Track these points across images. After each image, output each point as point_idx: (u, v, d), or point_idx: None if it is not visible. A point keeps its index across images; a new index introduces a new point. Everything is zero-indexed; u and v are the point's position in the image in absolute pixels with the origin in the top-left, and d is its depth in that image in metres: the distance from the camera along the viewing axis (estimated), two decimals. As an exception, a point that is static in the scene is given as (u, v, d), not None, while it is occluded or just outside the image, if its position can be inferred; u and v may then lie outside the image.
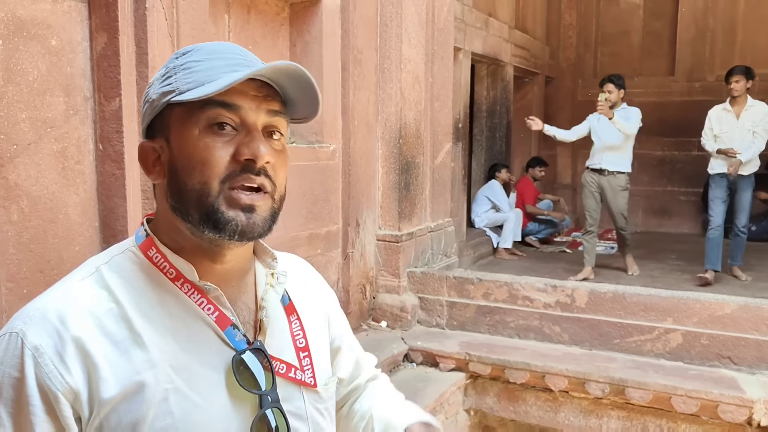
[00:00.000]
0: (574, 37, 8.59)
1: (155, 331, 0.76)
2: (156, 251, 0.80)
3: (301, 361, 0.87)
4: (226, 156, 0.76)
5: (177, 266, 0.80)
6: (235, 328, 0.80)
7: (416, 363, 3.83)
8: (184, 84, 0.77)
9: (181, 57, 0.80)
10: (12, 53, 1.97)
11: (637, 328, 3.53)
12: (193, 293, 0.79)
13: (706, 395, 3.12)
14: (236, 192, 0.76)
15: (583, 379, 3.38)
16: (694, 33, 7.94)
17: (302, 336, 0.89)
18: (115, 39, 2.20)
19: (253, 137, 0.77)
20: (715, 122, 5.50)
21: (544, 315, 3.77)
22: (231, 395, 0.78)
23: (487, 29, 6.29)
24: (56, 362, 0.70)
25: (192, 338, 0.78)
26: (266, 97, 0.79)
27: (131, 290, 0.77)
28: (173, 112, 0.78)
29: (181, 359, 0.76)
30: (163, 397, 0.73)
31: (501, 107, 6.94)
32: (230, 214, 0.75)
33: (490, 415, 3.84)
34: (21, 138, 2.02)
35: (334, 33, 3.48)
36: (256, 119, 0.78)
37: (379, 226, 4.20)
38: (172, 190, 0.79)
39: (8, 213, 1.99)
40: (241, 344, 0.80)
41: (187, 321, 0.78)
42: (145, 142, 0.82)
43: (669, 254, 6.54)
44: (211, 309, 0.79)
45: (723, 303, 3.36)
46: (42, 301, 0.76)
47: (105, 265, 0.80)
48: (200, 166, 0.76)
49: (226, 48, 0.81)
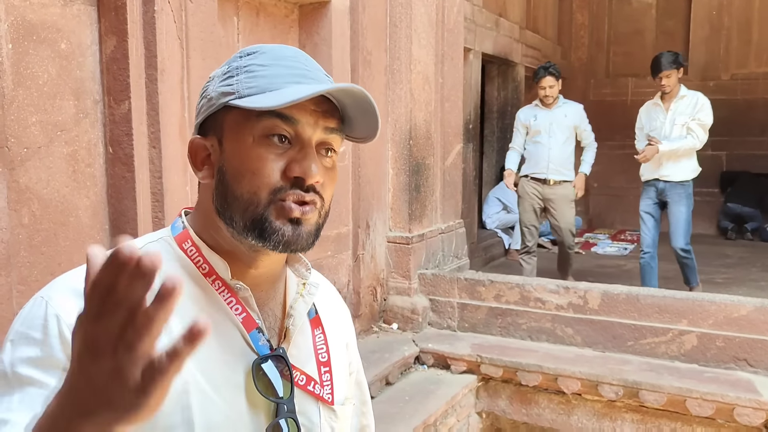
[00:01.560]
0: (585, 37, 8.54)
1: (182, 322, 0.72)
2: (191, 244, 0.80)
3: (321, 376, 0.85)
4: (278, 169, 0.75)
5: (211, 262, 0.79)
6: (260, 332, 0.79)
7: (427, 365, 3.81)
8: (246, 88, 0.75)
9: (245, 57, 0.78)
10: (22, 57, 1.98)
11: (651, 330, 3.49)
12: (224, 291, 0.78)
13: (721, 398, 3.08)
14: (287, 203, 0.75)
15: (597, 381, 3.34)
16: (708, 31, 7.86)
17: (325, 351, 0.87)
18: (124, 42, 2.20)
19: (306, 154, 0.75)
20: (645, 119, 4.86)
21: (557, 317, 3.73)
22: (248, 399, 0.77)
23: (497, 29, 6.26)
24: None
25: (218, 336, 0.76)
26: (325, 113, 0.77)
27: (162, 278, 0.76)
28: (229, 114, 0.76)
29: (204, 355, 0.73)
30: (183, 389, 0.72)
31: (512, 108, 6.91)
32: (278, 224, 0.75)
33: (502, 417, 3.81)
34: (32, 141, 2.03)
35: (343, 34, 3.48)
36: (312, 135, 0.76)
37: (390, 228, 4.18)
38: (218, 192, 0.78)
39: (20, 216, 2.00)
40: (263, 349, 0.79)
41: (215, 317, 0.77)
42: (197, 139, 0.80)
43: (683, 255, 6.45)
44: (239, 309, 0.78)
45: (739, 304, 3.31)
46: (71, 275, 0.75)
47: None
48: (250, 176, 0.75)
49: (293, 55, 0.79)
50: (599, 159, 9.13)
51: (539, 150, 4.83)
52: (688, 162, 4.56)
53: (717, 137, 7.91)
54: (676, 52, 4.54)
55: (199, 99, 0.81)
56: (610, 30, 8.50)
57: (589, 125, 4.95)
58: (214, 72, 0.81)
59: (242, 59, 0.78)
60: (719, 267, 5.86)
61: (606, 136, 8.48)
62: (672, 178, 4.51)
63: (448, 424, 3.44)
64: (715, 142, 7.97)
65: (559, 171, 4.76)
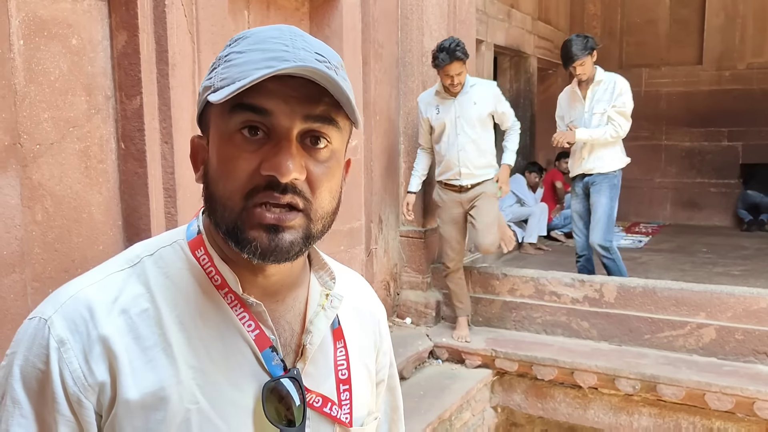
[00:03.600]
0: (598, 27, 8.43)
1: (188, 341, 0.70)
2: (204, 252, 0.73)
3: (339, 395, 0.78)
4: (249, 168, 0.66)
5: (222, 273, 0.72)
6: (274, 350, 0.73)
7: (442, 360, 3.79)
8: (219, 80, 0.67)
9: (228, 46, 0.71)
10: (33, 53, 1.97)
11: (669, 323, 3.45)
12: (236, 305, 0.72)
13: (741, 392, 3.03)
14: (259, 209, 0.66)
15: (613, 375, 3.31)
16: (723, 20, 7.73)
17: (345, 366, 0.80)
18: (135, 37, 2.19)
19: (280, 149, 0.65)
20: (564, 108, 4.30)
21: (572, 310, 3.70)
22: (256, 426, 0.71)
23: (509, 21, 6.20)
24: (81, 361, 0.67)
25: (227, 355, 0.71)
26: (305, 98, 0.66)
27: (172, 291, 0.72)
28: (211, 110, 0.70)
29: (210, 377, 0.70)
30: (184, 417, 0.68)
31: (524, 100, 6.85)
32: (252, 234, 0.67)
33: (518, 412, 3.78)
34: (44, 138, 2.02)
35: (354, 27, 3.45)
36: (289, 125, 0.66)
37: (402, 222, 4.16)
38: (204, 195, 0.72)
39: (33, 213, 2.00)
40: (277, 370, 0.72)
41: (225, 335, 0.71)
42: (195, 137, 0.75)
43: (700, 247, 6.39)
44: (252, 326, 0.72)
45: (759, 297, 3.26)
46: (76, 287, 0.71)
47: (150, 258, 0.74)
48: (225, 178, 0.68)
49: (276, 36, 0.68)
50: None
51: (448, 151, 3.75)
52: (611, 152, 4.08)
53: (733, 128, 7.83)
54: (586, 35, 4.05)
55: None
56: (622, 20, 8.39)
57: (507, 104, 3.85)
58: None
59: (226, 48, 0.71)
60: (736, 259, 5.78)
61: (619, 127, 8.42)
62: (597, 170, 4.08)
63: (463, 419, 3.42)
64: (731, 133, 7.88)
65: (473, 174, 3.73)
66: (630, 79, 9.25)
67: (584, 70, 4.01)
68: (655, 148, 8.27)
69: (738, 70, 7.76)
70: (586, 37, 4.01)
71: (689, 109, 7.98)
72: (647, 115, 8.25)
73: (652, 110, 8.18)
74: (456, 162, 3.73)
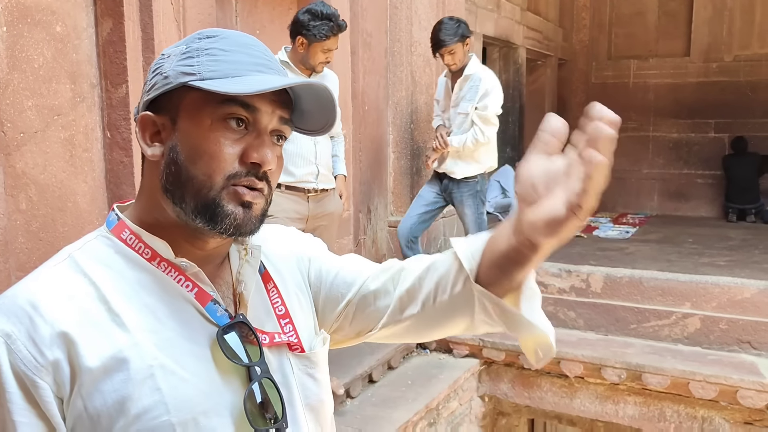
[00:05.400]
0: (587, 19, 8.45)
1: (135, 311, 0.75)
2: (129, 233, 0.79)
3: (283, 328, 0.86)
4: (234, 154, 0.76)
5: (152, 245, 0.78)
6: (216, 303, 0.80)
7: (429, 349, 3.80)
8: (208, 71, 0.75)
9: (204, 40, 0.78)
10: (17, 40, 1.94)
11: (655, 313, 3.48)
12: (171, 271, 0.78)
13: (725, 380, 3.07)
14: (241, 189, 0.76)
15: (599, 364, 3.34)
16: (711, 12, 7.77)
17: (281, 303, 0.89)
18: (120, 24, 2.17)
19: (263, 142, 0.77)
20: (440, 93, 3.81)
21: (559, 300, 3.72)
22: (219, 369, 0.77)
23: (498, 11, 6.20)
24: (29, 346, 0.69)
25: (174, 315, 0.77)
26: (282, 103, 0.79)
27: (108, 272, 0.77)
28: (188, 95, 0.76)
29: (164, 335, 0.75)
30: (148, 373, 0.72)
31: (513, 91, 6.85)
32: (230, 207, 0.76)
33: (505, 401, 3.81)
34: (28, 126, 2.00)
35: (342, 16, 3.43)
36: (268, 123, 0.78)
37: (391, 212, 4.16)
38: (169, 172, 0.77)
39: (17, 201, 1.98)
40: (223, 319, 0.79)
41: (166, 299, 0.77)
42: (147, 115, 0.80)
43: (686, 238, 6.44)
44: (190, 286, 0.79)
45: (743, 287, 3.29)
46: (14, 290, 0.74)
47: (78, 251, 0.78)
48: (207, 158, 0.75)
49: (252, 43, 0.80)
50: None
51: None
52: (470, 158, 3.59)
53: (720, 119, 7.89)
54: (458, 19, 3.48)
55: (150, 75, 0.80)
56: (611, 11, 8.40)
57: None
58: (168, 49, 0.80)
59: (201, 41, 0.78)
60: (722, 249, 5.84)
61: (608, 118, 8.44)
62: (454, 174, 3.60)
63: (450, 408, 3.44)
64: (717, 125, 7.94)
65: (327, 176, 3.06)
66: (619, 70, 9.23)
67: (454, 60, 3.47)
68: (643, 139, 8.32)
69: (725, 63, 7.81)
70: (458, 22, 3.44)
71: (677, 101, 8.03)
72: (635, 107, 8.30)
73: (640, 101, 8.22)
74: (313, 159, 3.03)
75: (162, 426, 0.71)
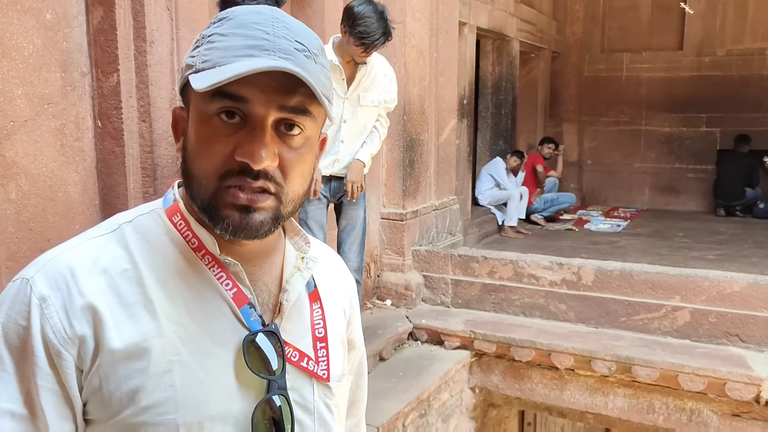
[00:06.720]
0: (581, 11, 8.44)
1: (169, 299, 0.73)
2: (180, 218, 0.77)
3: (317, 352, 0.82)
4: (225, 151, 0.70)
5: (200, 236, 0.76)
6: (252, 307, 0.77)
7: (421, 341, 3.81)
8: (201, 62, 0.70)
9: (212, 25, 0.73)
10: (6, 27, 1.92)
11: (645, 306, 3.50)
12: (213, 266, 0.76)
13: (713, 373, 3.10)
14: (233, 190, 0.70)
15: (590, 357, 3.36)
16: (704, 6, 7.78)
17: (322, 326, 0.84)
18: (111, 12, 2.14)
19: (254, 137, 0.69)
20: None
21: (550, 293, 3.74)
22: (238, 377, 0.74)
23: (492, 3, 6.18)
24: (61, 316, 0.69)
25: (206, 311, 0.74)
26: (283, 89, 0.69)
27: (151, 253, 0.75)
28: (192, 89, 0.70)
29: (191, 332, 0.73)
30: (166, 368, 0.71)
31: (507, 83, 6.85)
32: (224, 212, 0.71)
33: (495, 393, 3.83)
34: (18, 114, 1.98)
35: (336, 7, 3.41)
36: (264, 114, 0.69)
37: (384, 204, 4.16)
38: (183, 168, 0.76)
39: (6, 191, 1.96)
40: (255, 325, 0.76)
41: (203, 293, 0.75)
42: (177, 108, 0.78)
43: (676, 232, 6.49)
44: (230, 284, 0.76)
45: (732, 281, 3.32)
46: (58, 251, 0.74)
47: (128, 224, 0.77)
48: (200, 158, 0.72)
49: (260, 20, 0.70)
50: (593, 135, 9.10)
51: None
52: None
53: (711, 113, 7.92)
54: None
55: None
56: (605, 4, 8.40)
57: None
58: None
59: (210, 26, 0.73)
60: (712, 243, 5.89)
61: (600, 111, 8.46)
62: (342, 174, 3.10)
63: (441, 399, 3.46)
64: (709, 119, 7.97)
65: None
66: (612, 64, 9.22)
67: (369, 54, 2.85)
68: (635, 133, 8.35)
69: (718, 57, 7.84)
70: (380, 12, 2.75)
71: (669, 95, 8.05)
72: (627, 100, 8.32)
73: (633, 95, 8.24)
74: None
75: (167, 423, 0.70)
